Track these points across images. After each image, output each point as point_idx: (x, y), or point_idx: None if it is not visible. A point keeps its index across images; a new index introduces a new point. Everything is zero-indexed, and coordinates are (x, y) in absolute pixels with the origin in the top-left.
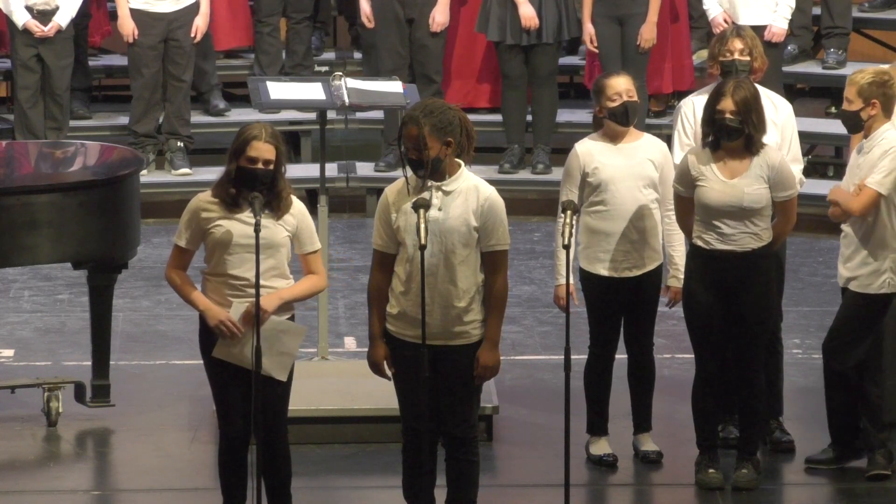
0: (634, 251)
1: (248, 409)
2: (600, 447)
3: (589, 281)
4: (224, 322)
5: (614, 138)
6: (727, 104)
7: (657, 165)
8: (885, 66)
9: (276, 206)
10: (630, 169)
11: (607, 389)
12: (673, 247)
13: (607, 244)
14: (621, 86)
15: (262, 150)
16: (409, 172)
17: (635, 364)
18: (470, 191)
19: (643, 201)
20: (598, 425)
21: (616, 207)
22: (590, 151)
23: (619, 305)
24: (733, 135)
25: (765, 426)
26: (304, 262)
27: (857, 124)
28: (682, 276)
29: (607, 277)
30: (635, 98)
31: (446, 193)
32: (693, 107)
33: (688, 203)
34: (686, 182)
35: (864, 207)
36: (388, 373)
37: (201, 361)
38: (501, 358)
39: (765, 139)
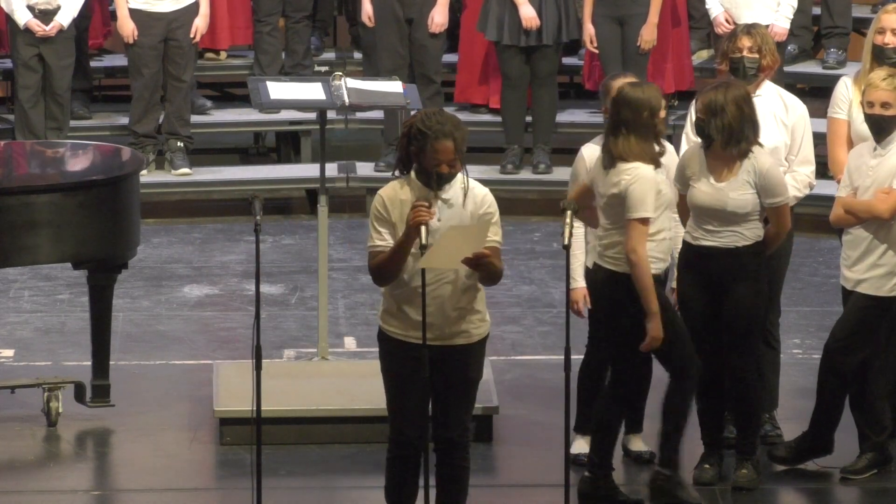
0: None
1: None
2: (579, 446)
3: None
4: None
5: None
6: (698, 104)
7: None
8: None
9: None
10: None
11: (599, 390)
12: (678, 249)
13: None
14: None
15: None
16: (412, 178)
17: None
18: (463, 193)
19: None
20: (583, 424)
21: None
22: (594, 155)
23: None
24: (700, 134)
25: (759, 421)
26: None
27: (890, 129)
28: None
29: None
30: None
31: (444, 201)
32: None
33: (686, 202)
34: (682, 181)
35: (893, 210)
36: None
37: (201, 361)
38: (501, 358)
39: (772, 140)
